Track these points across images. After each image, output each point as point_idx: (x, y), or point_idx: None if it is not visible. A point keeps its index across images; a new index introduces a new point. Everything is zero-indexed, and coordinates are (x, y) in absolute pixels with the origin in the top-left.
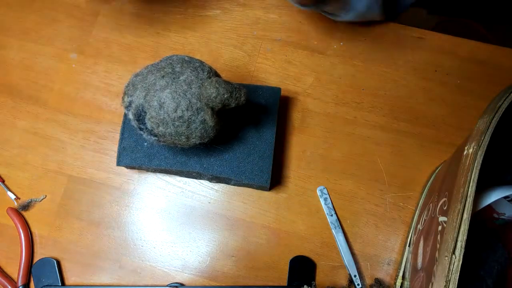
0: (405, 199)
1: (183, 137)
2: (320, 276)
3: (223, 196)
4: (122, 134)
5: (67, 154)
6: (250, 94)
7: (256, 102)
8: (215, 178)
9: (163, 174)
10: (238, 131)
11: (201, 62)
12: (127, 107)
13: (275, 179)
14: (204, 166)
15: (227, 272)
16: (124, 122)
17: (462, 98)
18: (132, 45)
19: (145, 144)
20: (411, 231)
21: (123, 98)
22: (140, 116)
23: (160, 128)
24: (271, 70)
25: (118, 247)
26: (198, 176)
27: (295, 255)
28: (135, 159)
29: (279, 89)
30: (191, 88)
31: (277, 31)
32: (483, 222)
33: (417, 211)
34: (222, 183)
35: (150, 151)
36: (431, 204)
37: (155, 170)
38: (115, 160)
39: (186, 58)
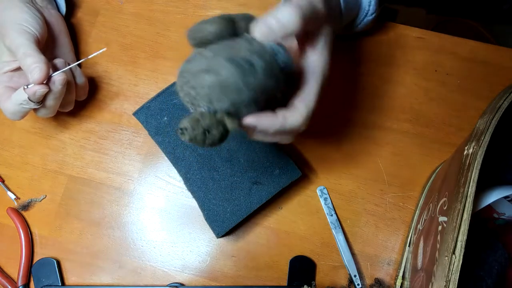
0: (405, 199)
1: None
2: (320, 276)
3: None
4: (157, 96)
5: (67, 154)
6: (274, 160)
7: (272, 170)
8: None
9: (163, 173)
10: (237, 175)
11: None
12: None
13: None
14: (188, 175)
15: (227, 272)
16: (166, 89)
17: (462, 98)
18: (132, 45)
19: (165, 119)
20: (411, 231)
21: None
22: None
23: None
24: None
25: (118, 247)
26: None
27: (295, 255)
28: (148, 122)
29: (297, 174)
30: None
31: None
32: (483, 222)
33: (417, 211)
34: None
35: (163, 127)
36: (431, 204)
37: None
38: (115, 160)
39: None
